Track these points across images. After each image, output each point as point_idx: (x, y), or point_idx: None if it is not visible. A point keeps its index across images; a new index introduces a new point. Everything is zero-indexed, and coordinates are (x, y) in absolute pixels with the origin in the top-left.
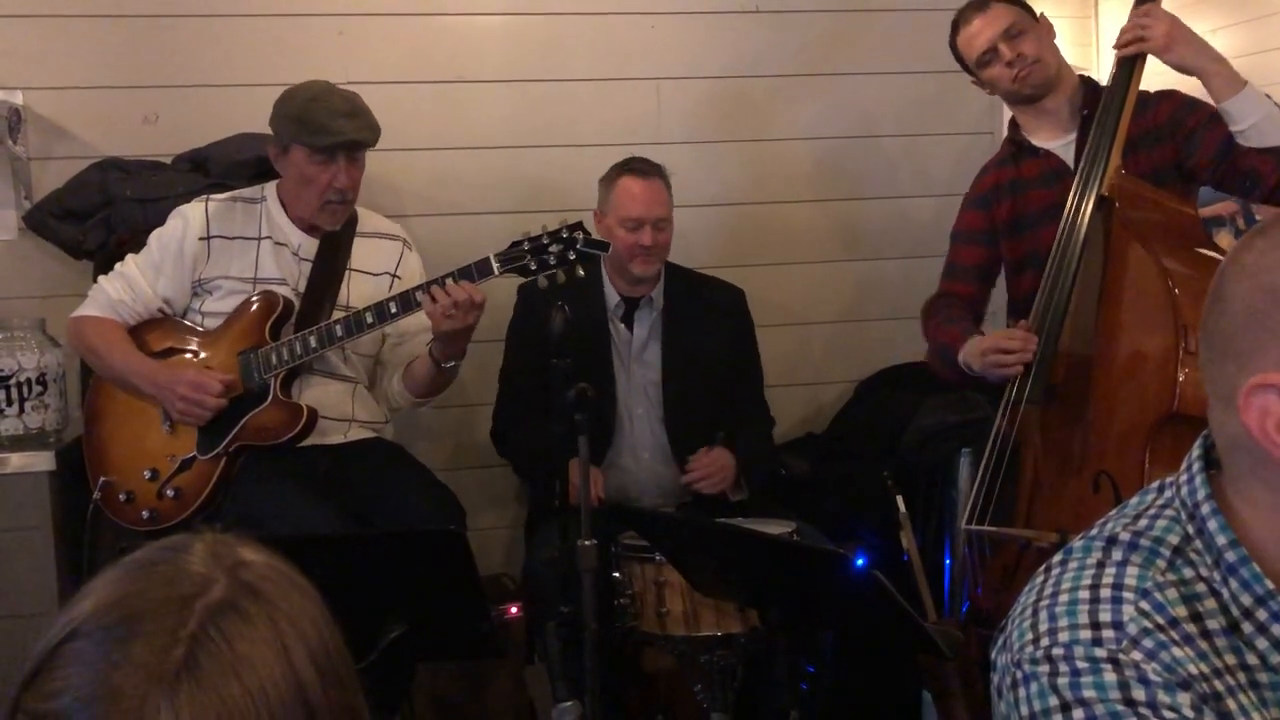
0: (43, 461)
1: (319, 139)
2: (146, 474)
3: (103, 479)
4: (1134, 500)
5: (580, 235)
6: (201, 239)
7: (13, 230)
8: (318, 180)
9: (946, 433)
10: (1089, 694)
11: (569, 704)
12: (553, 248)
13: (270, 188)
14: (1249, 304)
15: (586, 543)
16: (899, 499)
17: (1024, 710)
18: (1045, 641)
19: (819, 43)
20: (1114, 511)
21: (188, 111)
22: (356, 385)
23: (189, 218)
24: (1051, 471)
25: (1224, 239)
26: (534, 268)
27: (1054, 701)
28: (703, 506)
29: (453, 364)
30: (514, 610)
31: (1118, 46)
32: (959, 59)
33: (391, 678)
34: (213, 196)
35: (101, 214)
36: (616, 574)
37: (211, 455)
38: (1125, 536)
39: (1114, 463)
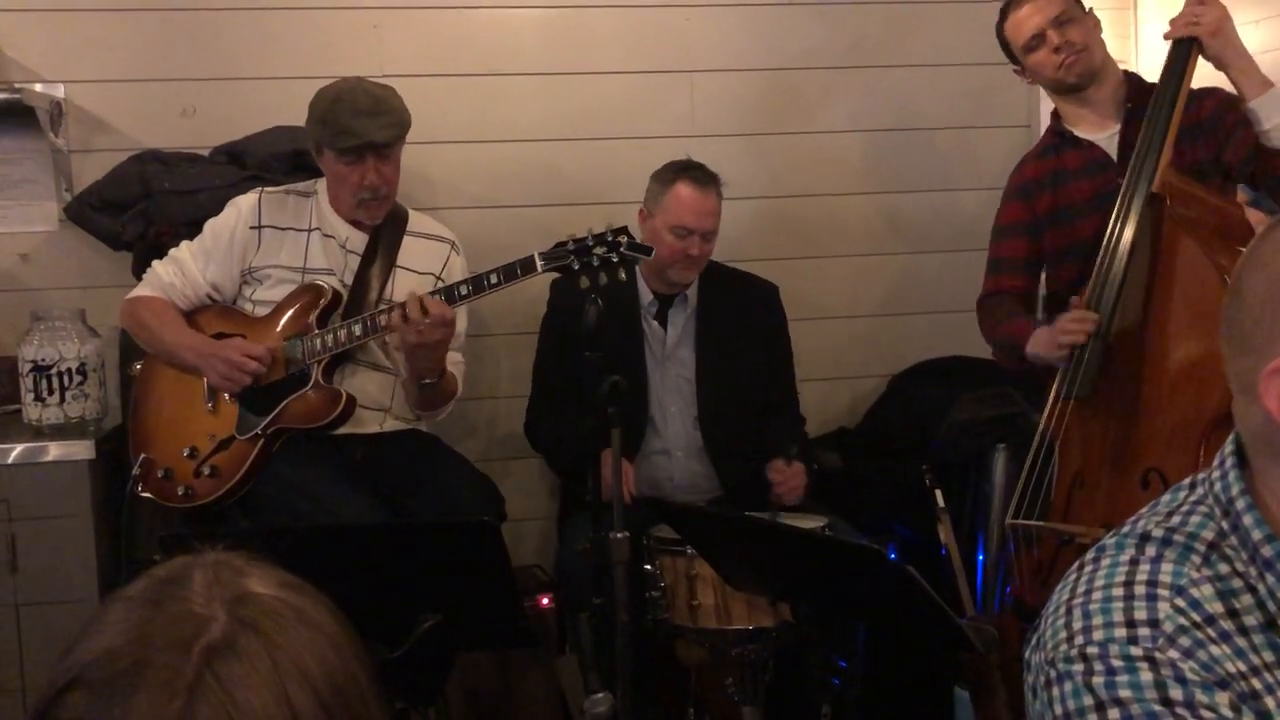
0: (83, 450)
1: (340, 141)
2: (185, 452)
3: (143, 456)
4: (1165, 497)
5: (624, 239)
6: (252, 228)
7: (53, 222)
8: (349, 180)
9: (981, 428)
10: (1125, 693)
11: (600, 695)
12: (597, 249)
13: (322, 183)
14: (1264, 295)
15: (618, 535)
16: (938, 493)
17: (1058, 709)
18: (1080, 640)
19: (852, 35)
20: (1144, 509)
21: (225, 104)
22: (399, 379)
23: (242, 207)
24: (1094, 468)
25: None
26: (576, 268)
27: (1089, 701)
28: (734, 502)
29: (429, 382)
30: (546, 601)
31: (1169, 34)
32: (1004, 45)
33: (428, 668)
34: (267, 189)
35: (140, 205)
36: (648, 566)
37: (249, 436)
38: (1158, 533)
39: (1164, 460)
